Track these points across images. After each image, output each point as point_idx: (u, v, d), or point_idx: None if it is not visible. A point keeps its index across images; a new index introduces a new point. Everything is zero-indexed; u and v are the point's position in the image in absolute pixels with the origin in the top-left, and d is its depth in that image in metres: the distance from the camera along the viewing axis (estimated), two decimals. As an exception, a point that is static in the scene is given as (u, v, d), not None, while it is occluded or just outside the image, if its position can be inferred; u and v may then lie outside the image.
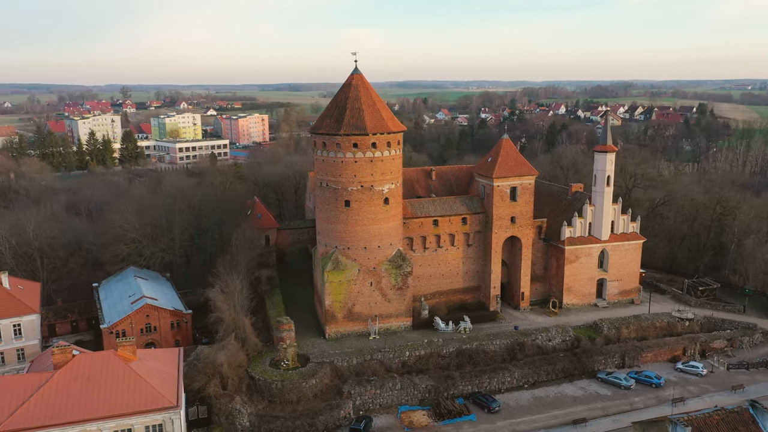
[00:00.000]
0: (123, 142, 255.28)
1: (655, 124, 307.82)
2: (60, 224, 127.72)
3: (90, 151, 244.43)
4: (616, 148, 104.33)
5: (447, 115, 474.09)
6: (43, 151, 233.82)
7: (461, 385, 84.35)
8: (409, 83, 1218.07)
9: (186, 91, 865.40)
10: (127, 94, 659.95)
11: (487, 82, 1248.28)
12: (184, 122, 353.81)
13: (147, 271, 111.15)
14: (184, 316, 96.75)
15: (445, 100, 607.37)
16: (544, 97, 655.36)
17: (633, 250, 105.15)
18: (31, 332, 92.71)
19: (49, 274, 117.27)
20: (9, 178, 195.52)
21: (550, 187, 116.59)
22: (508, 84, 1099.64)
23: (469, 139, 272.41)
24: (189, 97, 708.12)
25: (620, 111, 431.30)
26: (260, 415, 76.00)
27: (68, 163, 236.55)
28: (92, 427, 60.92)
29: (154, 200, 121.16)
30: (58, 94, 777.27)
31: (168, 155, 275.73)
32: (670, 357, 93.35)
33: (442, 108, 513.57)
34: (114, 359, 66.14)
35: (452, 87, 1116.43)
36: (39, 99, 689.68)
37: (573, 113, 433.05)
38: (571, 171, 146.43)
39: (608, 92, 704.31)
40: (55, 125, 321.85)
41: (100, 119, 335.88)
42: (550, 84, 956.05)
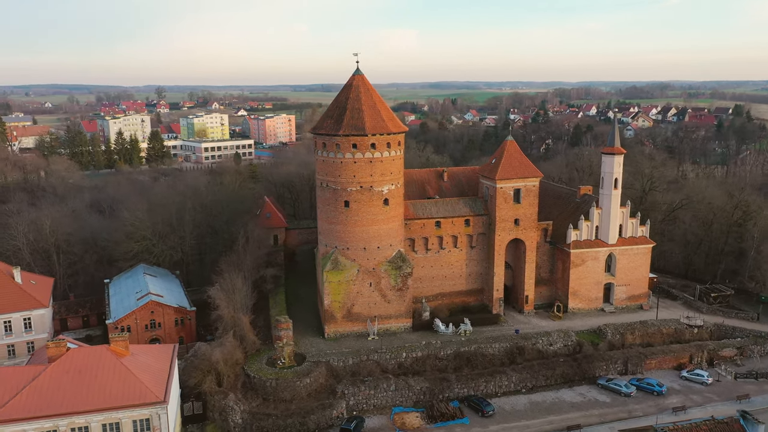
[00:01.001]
0: (150, 142, 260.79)
1: (686, 125, 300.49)
2: (78, 221, 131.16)
3: (118, 151, 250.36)
4: (624, 150, 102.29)
5: (475, 116, 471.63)
6: (72, 150, 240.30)
7: (457, 387, 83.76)
8: (441, 84, 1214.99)
9: (220, 92, 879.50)
10: (161, 95, 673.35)
11: (521, 83, 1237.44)
12: (211, 122, 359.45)
13: (157, 268, 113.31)
14: (188, 313, 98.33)
15: (474, 101, 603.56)
16: (576, 98, 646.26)
17: (642, 254, 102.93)
18: (40, 326, 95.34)
19: (65, 269, 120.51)
20: (39, 176, 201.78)
21: (559, 189, 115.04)
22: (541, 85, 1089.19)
23: (493, 140, 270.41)
24: (221, 97, 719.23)
25: (653, 112, 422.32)
26: (253, 413, 76.76)
27: (97, 162, 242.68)
28: (80, 419, 62.46)
29: (165, 199, 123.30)
30: (97, 94, 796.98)
31: (194, 155, 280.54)
32: (676, 365, 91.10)
33: (470, 109, 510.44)
34: (106, 354, 67.71)
35: (485, 88, 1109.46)
36: (78, 99, 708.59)
37: (603, 114, 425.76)
38: (587, 173, 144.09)
39: (643, 93, 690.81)
40: (88, 125, 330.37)
41: (130, 119, 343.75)
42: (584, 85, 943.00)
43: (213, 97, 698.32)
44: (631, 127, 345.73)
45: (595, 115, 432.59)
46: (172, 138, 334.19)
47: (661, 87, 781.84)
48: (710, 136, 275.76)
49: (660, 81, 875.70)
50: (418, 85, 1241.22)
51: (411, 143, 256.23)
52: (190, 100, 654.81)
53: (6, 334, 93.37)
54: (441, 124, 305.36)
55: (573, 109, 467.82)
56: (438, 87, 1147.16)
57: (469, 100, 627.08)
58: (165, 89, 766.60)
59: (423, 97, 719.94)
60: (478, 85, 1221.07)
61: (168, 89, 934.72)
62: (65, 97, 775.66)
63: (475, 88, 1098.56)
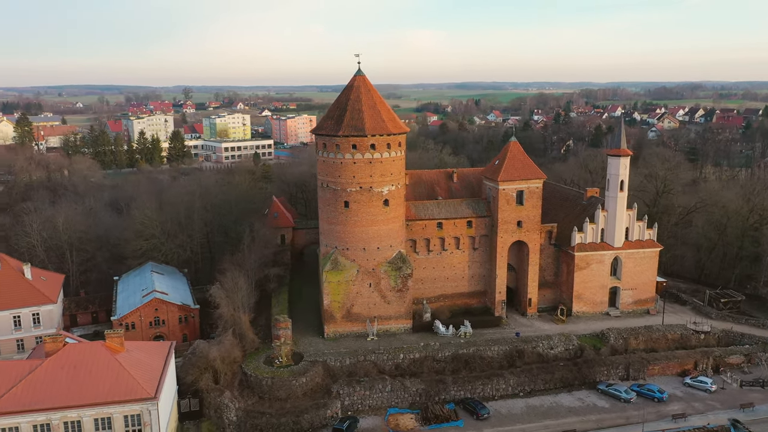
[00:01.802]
0: (171, 142, 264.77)
1: (711, 127, 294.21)
2: (92, 219, 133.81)
3: (139, 150, 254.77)
4: (630, 152, 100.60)
5: (498, 117, 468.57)
6: (96, 149, 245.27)
7: (453, 390, 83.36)
8: (467, 84, 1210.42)
9: (248, 92, 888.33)
10: (188, 95, 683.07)
11: (548, 83, 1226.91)
12: (233, 123, 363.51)
13: (165, 266, 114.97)
14: (192, 311, 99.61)
15: (498, 102, 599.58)
16: (603, 98, 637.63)
17: (649, 258, 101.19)
18: (48, 321, 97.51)
19: (78, 266, 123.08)
20: (63, 175, 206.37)
21: (567, 191, 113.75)
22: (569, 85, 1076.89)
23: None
24: (246, 98, 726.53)
25: (680, 113, 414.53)
26: (247, 411, 77.42)
27: (119, 161, 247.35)
28: (73, 413, 63.67)
29: (175, 198, 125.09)
30: (126, 95, 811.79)
31: (214, 154, 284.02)
32: (680, 371, 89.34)
33: (493, 110, 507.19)
34: (101, 350, 68.90)
35: (511, 88, 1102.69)
36: (108, 100, 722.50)
37: (629, 116, 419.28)
38: (600, 175, 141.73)
39: (672, 94, 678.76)
40: (114, 125, 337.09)
41: (154, 119, 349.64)
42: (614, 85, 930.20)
43: (238, 97, 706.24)
44: (656, 129, 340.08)
45: (619, 117, 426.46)
46: (195, 138, 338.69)
47: (692, 87, 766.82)
48: (736, 138, 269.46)
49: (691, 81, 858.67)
50: (444, 85, 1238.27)
51: (429, 144, 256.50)
52: (216, 101, 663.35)
53: (15, 328, 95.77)
54: (461, 125, 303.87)
55: (598, 110, 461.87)
56: (464, 87, 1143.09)
57: (493, 100, 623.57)
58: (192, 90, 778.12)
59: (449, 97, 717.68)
60: (504, 85, 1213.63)
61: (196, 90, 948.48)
62: (96, 97, 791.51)
63: (501, 88, 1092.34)
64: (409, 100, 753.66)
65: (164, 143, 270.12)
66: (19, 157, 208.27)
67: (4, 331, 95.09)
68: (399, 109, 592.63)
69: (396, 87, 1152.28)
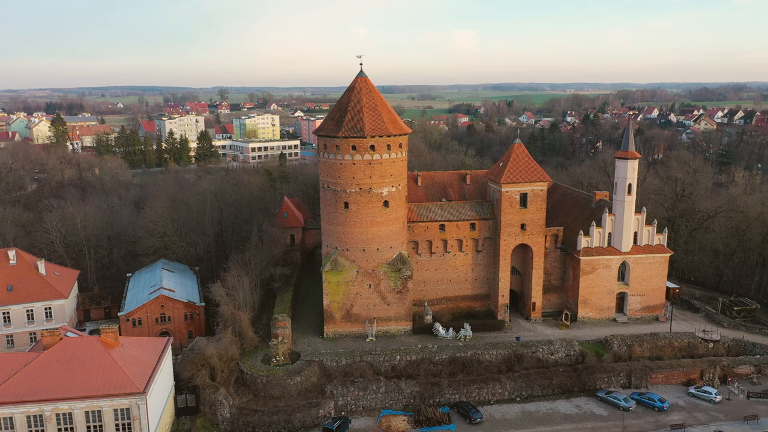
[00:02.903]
0: (199, 142, 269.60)
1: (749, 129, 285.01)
2: (111, 217, 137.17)
3: (168, 150, 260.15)
4: (639, 155, 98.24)
5: (530, 118, 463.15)
6: (126, 149, 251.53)
7: (448, 393, 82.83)
8: (503, 86, 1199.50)
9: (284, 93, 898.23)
10: (224, 96, 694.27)
11: (587, 84, 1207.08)
12: (263, 123, 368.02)
13: (177, 264, 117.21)
14: (197, 308, 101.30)
15: (531, 103, 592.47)
16: (641, 100, 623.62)
17: (658, 263, 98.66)
18: (60, 315, 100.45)
19: (95, 263, 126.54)
20: (93, 174, 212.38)
21: (577, 194, 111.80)
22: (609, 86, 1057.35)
23: (539, 144, 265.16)
24: (280, 99, 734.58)
25: (718, 115, 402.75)
26: (241, 408, 78.30)
27: (148, 161, 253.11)
28: (64, 406, 65.53)
29: (188, 197, 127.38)
30: (165, 95, 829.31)
31: (241, 154, 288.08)
32: (685, 380, 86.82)
33: (526, 111, 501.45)
34: (96, 344, 70.69)
35: (548, 90, 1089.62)
36: (147, 100, 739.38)
37: (665, 117, 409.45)
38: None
39: (714, 95, 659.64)
40: (147, 125, 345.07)
41: (185, 119, 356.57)
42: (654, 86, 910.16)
43: (272, 98, 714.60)
44: (692, 131, 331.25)
45: (655, 118, 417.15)
46: (226, 138, 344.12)
47: (736, 89, 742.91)
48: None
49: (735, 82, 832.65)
50: (480, 86, 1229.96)
51: (453, 145, 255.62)
52: (251, 101, 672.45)
53: (28, 322, 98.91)
54: (488, 127, 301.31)
55: (633, 112, 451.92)
56: (500, 89, 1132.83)
57: (526, 102, 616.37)
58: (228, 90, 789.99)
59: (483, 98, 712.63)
60: (542, 86, 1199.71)
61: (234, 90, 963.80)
62: (136, 98, 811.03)
63: (539, 90, 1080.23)
64: (442, 101, 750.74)
65: (192, 143, 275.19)
66: (51, 156, 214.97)
67: (18, 324, 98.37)
68: (432, 110, 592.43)
69: (431, 88, 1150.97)
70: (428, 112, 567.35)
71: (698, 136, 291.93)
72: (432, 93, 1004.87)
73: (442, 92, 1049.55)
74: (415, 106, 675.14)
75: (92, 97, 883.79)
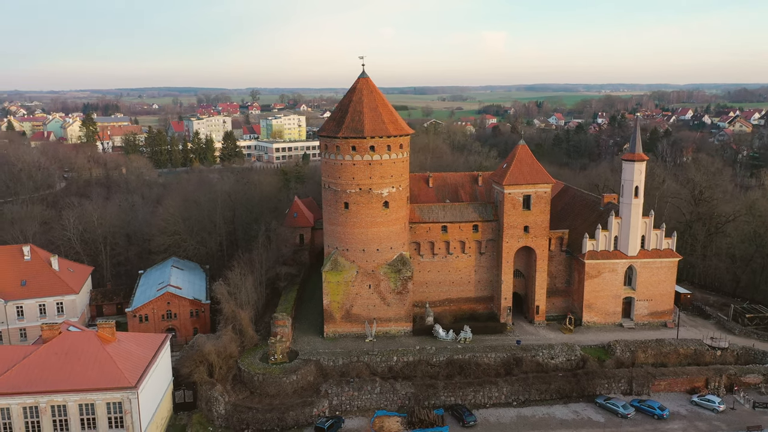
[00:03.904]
0: (224, 142, 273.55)
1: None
2: (128, 215, 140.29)
3: (194, 150, 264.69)
4: (646, 157, 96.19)
5: (560, 120, 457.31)
6: (153, 148, 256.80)
7: (443, 395, 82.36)
8: (536, 86, 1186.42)
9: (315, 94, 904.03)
10: (255, 97, 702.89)
11: (623, 85, 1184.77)
12: (289, 123, 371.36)
13: (187, 261, 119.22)
14: (202, 305, 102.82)
15: (562, 104, 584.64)
16: (677, 101, 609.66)
17: (666, 268, 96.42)
18: (71, 310, 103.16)
19: (111, 259, 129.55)
20: (120, 173, 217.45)
21: (587, 197, 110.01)
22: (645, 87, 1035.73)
23: (563, 145, 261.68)
24: (310, 99, 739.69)
25: (755, 117, 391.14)
26: (235, 405, 79.21)
27: (174, 160, 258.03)
28: (59, 398, 67.25)
29: (200, 196, 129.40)
30: (199, 96, 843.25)
31: (266, 155, 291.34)
32: (689, 388, 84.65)
33: (556, 112, 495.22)
34: (92, 339, 72.39)
35: (583, 91, 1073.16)
36: (182, 101, 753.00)
37: (699, 119, 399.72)
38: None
39: (753, 96, 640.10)
40: (176, 125, 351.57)
41: (213, 120, 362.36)
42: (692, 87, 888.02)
43: (302, 99, 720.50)
44: (725, 132, 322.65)
45: (688, 120, 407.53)
46: (253, 138, 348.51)
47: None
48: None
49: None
50: (513, 87, 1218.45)
51: (476, 146, 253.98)
52: (281, 102, 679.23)
53: (41, 316, 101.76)
54: (513, 128, 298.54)
55: (666, 113, 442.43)
56: (533, 89, 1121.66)
57: (557, 103, 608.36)
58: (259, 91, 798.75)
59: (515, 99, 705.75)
60: (576, 87, 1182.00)
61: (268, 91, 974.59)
62: (171, 99, 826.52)
63: (573, 91, 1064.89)
64: (472, 102, 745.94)
65: (218, 143, 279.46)
66: (80, 155, 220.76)
67: (31, 318, 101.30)
68: (461, 111, 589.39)
69: (463, 89, 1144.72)
70: (457, 113, 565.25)
71: (730, 138, 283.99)
72: (463, 94, 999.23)
73: (474, 93, 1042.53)
74: (445, 107, 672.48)
75: (129, 98, 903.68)
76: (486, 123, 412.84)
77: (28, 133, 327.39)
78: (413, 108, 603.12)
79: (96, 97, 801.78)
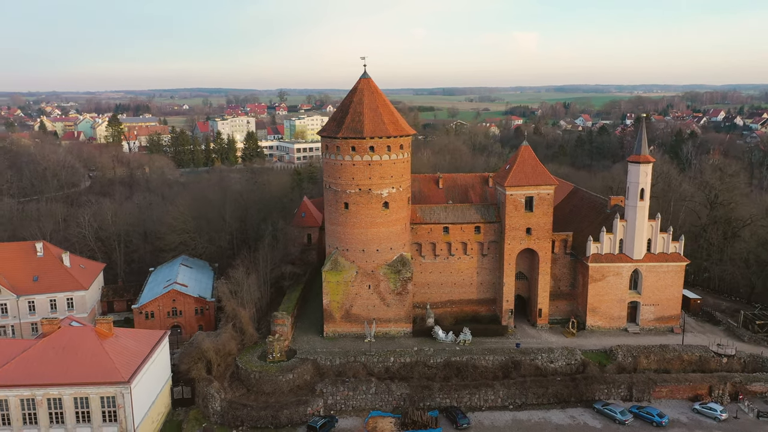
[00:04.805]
0: (245, 142, 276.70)
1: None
2: (148, 213, 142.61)
3: (216, 150, 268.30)
4: (653, 159, 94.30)
5: (587, 121, 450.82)
6: (176, 148, 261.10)
7: (439, 397, 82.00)
8: (566, 87, 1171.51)
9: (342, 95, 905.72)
10: (283, 98, 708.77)
11: (657, 86, 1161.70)
12: (312, 124, 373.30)
13: (196, 260, 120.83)
14: (207, 303, 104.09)
15: (590, 105, 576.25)
16: (710, 102, 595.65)
17: (673, 272, 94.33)
18: (81, 306, 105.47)
19: (125, 257, 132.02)
20: (144, 172, 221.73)
21: (595, 199, 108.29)
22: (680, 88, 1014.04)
23: (586, 146, 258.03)
24: (337, 100, 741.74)
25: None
26: (231, 402, 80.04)
27: (196, 160, 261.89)
28: (54, 391, 68.85)
29: (208, 195, 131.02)
30: (229, 97, 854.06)
31: (287, 155, 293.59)
32: (692, 395, 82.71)
33: (583, 113, 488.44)
34: (90, 334, 73.91)
35: (615, 91, 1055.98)
36: (211, 102, 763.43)
37: (730, 120, 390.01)
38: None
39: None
40: (202, 126, 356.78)
41: (237, 120, 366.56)
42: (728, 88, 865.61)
43: (329, 100, 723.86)
44: (756, 135, 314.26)
45: (720, 121, 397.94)
46: (277, 138, 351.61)
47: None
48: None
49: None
50: (543, 88, 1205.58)
51: (497, 147, 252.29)
52: (308, 103, 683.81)
53: (51, 311, 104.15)
54: (536, 129, 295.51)
55: (697, 114, 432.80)
56: (563, 90, 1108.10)
57: (585, 104, 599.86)
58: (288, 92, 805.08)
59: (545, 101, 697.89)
60: (608, 88, 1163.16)
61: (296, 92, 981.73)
62: (201, 99, 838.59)
63: (604, 91, 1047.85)
64: (500, 103, 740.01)
65: (240, 144, 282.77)
66: (104, 154, 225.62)
67: (42, 313, 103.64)
68: (487, 113, 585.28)
69: (492, 90, 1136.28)
70: (483, 114, 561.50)
71: (762, 140, 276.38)
72: (492, 95, 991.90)
73: (503, 94, 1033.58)
74: (472, 108, 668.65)
75: (162, 99, 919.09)
76: (511, 124, 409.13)
77: (59, 133, 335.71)
78: (439, 109, 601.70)
79: (129, 98, 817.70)
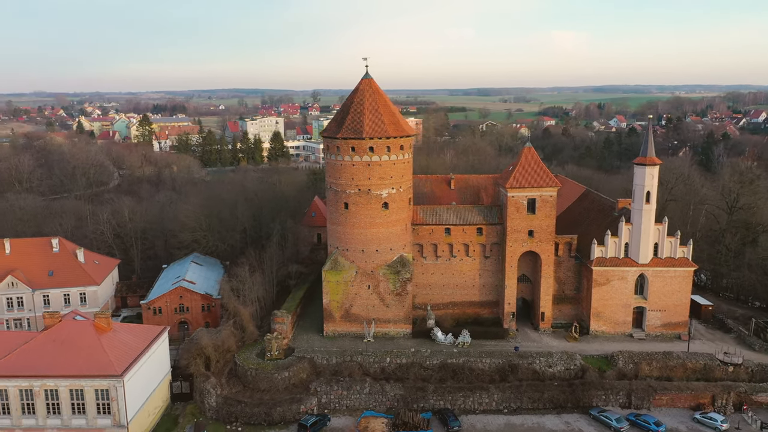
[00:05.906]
0: (272, 142, 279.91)
1: None
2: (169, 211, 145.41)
3: (243, 150, 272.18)
4: (659, 161, 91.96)
5: (622, 122, 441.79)
6: (204, 148, 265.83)
7: (432, 399, 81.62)
8: (605, 88, 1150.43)
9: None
10: (316, 98, 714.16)
11: (700, 86, 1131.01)
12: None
13: (207, 257, 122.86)
14: (213, 300, 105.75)
15: (626, 106, 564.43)
16: (752, 102, 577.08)
17: (681, 278, 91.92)
18: (93, 301, 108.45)
19: (142, 253, 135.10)
20: (172, 171, 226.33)
21: (604, 202, 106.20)
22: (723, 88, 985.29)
23: (615, 148, 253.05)
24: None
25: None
26: (226, 398, 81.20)
27: (223, 160, 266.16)
28: (51, 382, 70.97)
29: (223, 194, 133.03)
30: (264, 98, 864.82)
31: (313, 155, 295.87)
32: (694, 404, 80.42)
33: (618, 114, 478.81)
34: (88, 328, 75.96)
35: (656, 92, 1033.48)
36: (247, 102, 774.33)
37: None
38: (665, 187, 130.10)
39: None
40: (233, 126, 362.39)
41: (266, 120, 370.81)
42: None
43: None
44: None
45: (760, 123, 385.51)
46: (306, 139, 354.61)
47: None
48: None
49: None
50: (581, 88, 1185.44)
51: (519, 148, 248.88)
52: (339, 103, 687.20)
53: (65, 305, 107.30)
54: (564, 130, 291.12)
55: (737, 115, 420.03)
56: (602, 91, 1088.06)
57: (621, 104, 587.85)
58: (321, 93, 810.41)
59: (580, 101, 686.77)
60: (649, 89, 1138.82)
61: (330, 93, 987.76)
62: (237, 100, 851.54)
63: (644, 92, 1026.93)
64: (534, 104, 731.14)
65: (266, 144, 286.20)
66: (133, 154, 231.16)
67: (56, 307, 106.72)
68: (520, 113, 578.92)
69: (528, 90, 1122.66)
70: (515, 114, 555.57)
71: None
72: (528, 95, 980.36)
73: (539, 95, 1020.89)
74: (505, 108, 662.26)
75: (199, 99, 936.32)
76: (542, 125, 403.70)
77: (96, 133, 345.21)
78: (471, 110, 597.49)
79: (167, 98, 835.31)
